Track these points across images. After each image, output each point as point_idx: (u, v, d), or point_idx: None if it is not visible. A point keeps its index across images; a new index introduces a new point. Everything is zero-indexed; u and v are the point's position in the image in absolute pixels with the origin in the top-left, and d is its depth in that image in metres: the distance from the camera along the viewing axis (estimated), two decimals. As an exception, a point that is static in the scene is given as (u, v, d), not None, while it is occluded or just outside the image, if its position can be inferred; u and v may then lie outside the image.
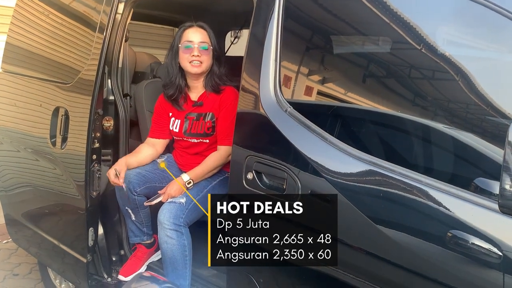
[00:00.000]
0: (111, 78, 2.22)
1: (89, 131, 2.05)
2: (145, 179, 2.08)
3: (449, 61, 1.34)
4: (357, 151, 1.36)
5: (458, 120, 1.40)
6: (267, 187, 1.54)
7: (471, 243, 1.17)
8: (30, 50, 2.58)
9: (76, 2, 2.39)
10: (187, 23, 2.10)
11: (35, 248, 2.63)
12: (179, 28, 2.11)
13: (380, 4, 1.46)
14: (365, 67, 1.60)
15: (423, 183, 1.24)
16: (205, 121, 2.10)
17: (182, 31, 2.08)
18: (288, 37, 1.58)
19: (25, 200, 2.63)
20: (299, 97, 1.61)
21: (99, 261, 2.29)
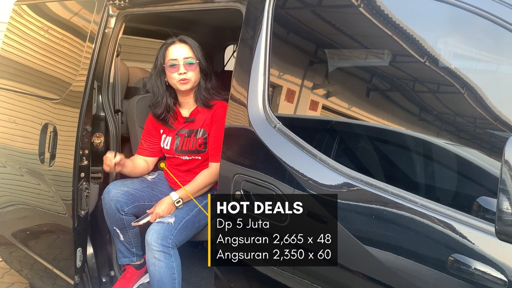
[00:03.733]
0: (102, 93, 2.17)
1: (76, 148, 2.00)
2: (134, 197, 2.00)
3: (455, 74, 1.27)
4: (348, 169, 1.28)
5: (461, 135, 1.32)
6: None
7: (473, 268, 1.08)
8: (21, 64, 2.56)
9: (67, 12, 2.36)
10: (169, 39, 2.02)
11: (27, 270, 2.57)
12: (161, 46, 2.03)
13: (379, 15, 1.40)
14: (361, 81, 1.53)
15: (418, 204, 1.16)
16: (196, 138, 2.03)
17: (165, 49, 2.01)
18: (277, 50, 1.52)
19: (15, 219, 2.57)
20: (289, 112, 1.54)
21: (88, 282, 2.22)
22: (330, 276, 1.32)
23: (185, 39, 2.01)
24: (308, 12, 1.62)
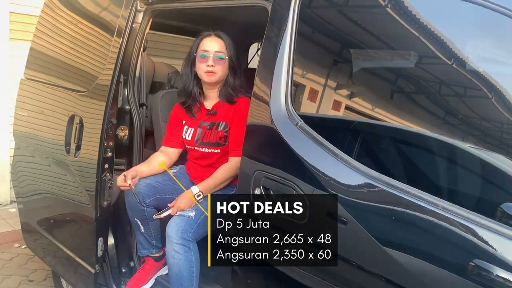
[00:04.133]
0: (127, 87, 2.21)
1: (101, 140, 2.03)
2: (155, 190, 2.04)
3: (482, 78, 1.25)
4: (369, 169, 1.27)
5: (487, 140, 1.30)
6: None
7: (494, 274, 1.06)
8: (51, 56, 2.61)
9: (96, 6, 2.41)
10: (205, 32, 2.07)
11: (50, 257, 2.63)
12: (197, 36, 2.09)
13: (406, 15, 1.38)
14: (386, 82, 1.51)
15: (439, 207, 1.14)
16: (217, 131, 2.06)
17: (200, 40, 2.06)
18: (302, 48, 1.52)
19: (40, 208, 2.64)
20: (311, 111, 1.54)
21: (108, 272, 2.26)
22: (348, 277, 1.32)
23: (220, 34, 2.06)
24: (334, 12, 1.61)
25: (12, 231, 3.78)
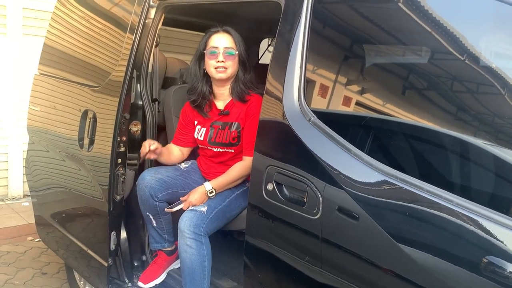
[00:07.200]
0: (140, 82, 2.23)
1: (115, 135, 2.05)
2: (167, 185, 2.05)
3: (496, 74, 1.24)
4: (382, 165, 1.27)
5: (500, 136, 1.29)
6: (287, 199, 1.47)
7: (508, 271, 1.06)
8: (64, 52, 2.64)
9: (109, 2, 2.42)
10: (213, 28, 2.06)
11: (63, 250, 2.66)
12: (205, 33, 2.08)
13: (418, 11, 1.37)
14: (398, 78, 1.51)
15: (453, 203, 1.14)
16: (230, 131, 2.05)
17: (208, 36, 2.04)
18: (315, 43, 1.52)
19: (54, 201, 2.67)
20: (324, 107, 1.54)
21: (121, 265, 2.29)
22: (361, 273, 1.32)
23: (229, 30, 2.04)
24: (346, 8, 1.60)
25: (25, 224, 3.83)
